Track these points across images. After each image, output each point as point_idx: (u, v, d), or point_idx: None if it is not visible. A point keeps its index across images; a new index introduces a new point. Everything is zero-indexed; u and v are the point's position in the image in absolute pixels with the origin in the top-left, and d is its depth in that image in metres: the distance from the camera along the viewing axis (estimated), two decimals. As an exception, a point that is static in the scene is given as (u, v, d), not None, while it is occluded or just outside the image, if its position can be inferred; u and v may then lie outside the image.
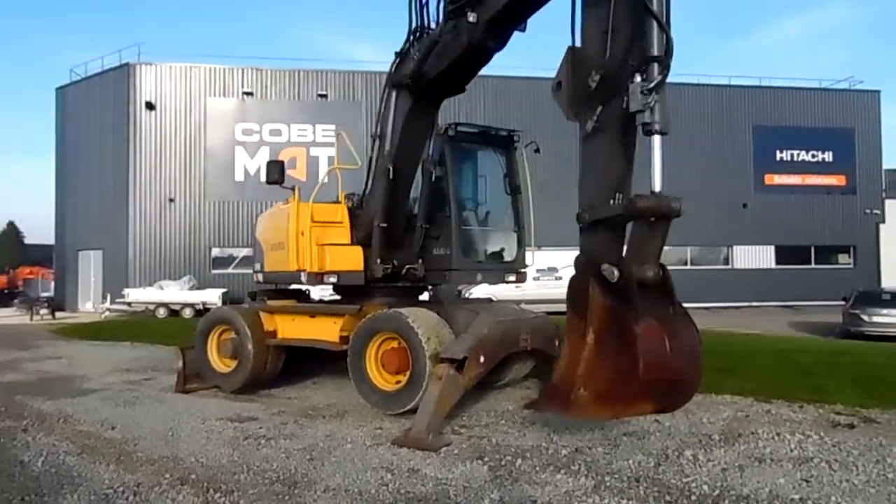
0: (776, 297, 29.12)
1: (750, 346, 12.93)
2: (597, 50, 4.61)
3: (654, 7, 4.26)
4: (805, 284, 29.81)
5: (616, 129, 4.56)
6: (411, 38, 7.21)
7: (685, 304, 4.73)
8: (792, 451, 5.74)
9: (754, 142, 31.18)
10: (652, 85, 4.20)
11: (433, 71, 6.91)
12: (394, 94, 7.43)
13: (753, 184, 31.04)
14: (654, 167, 4.37)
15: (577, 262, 4.96)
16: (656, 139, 4.32)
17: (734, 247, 30.94)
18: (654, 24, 4.26)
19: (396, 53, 7.45)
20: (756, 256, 31.04)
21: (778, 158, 31.43)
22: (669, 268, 4.65)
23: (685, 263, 30.85)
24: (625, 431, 6.38)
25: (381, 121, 7.82)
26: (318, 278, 7.79)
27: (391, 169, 7.55)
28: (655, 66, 4.24)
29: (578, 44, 4.82)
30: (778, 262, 31.14)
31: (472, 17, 6.00)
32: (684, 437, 6.16)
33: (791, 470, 5.21)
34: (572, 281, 4.96)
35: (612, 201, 4.57)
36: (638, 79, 4.25)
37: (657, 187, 4.33)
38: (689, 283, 30.10)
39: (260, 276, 9.21)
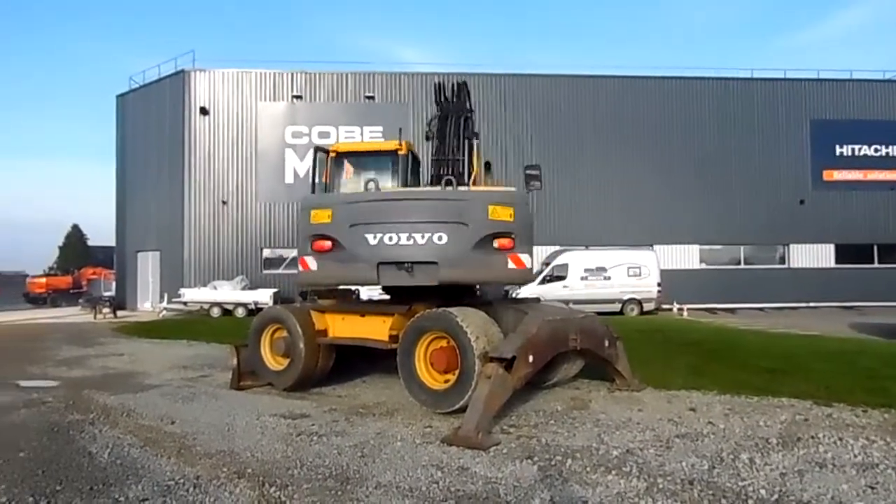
0: (836, 298, 28.00)
1: (808, 347, 12.50)
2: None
3: None
4: (867, 284, 28.58)
5: None
6: None
7: (737, 305, 4.75)
8: (856, 456, 5.53)
9: (812, 137, 30.06)
10: None
11: None
12: None
13: (811, 180, 29.92)
14: None
15: None
16: None
17: (791, 245, 29.89)
18: None
19: None
20: (814, 255, 29.90)
21: (838, 153, 30.20)
22: (721, 267, 4.79)
23: (738, 263, 29.98)
24: (677, 433, 6.27)
25: None
26: None
27: None
28: None
29: None
30: (838, 262, 29.91)
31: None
32: (740, 440, 6.01)
33: (855, 476, 5.02)
34: None
35: None
36: None
37: None
38: (742, 283, 29.31)
39: None
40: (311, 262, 7.80)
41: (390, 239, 7.48)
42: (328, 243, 7.71)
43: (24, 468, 5.41)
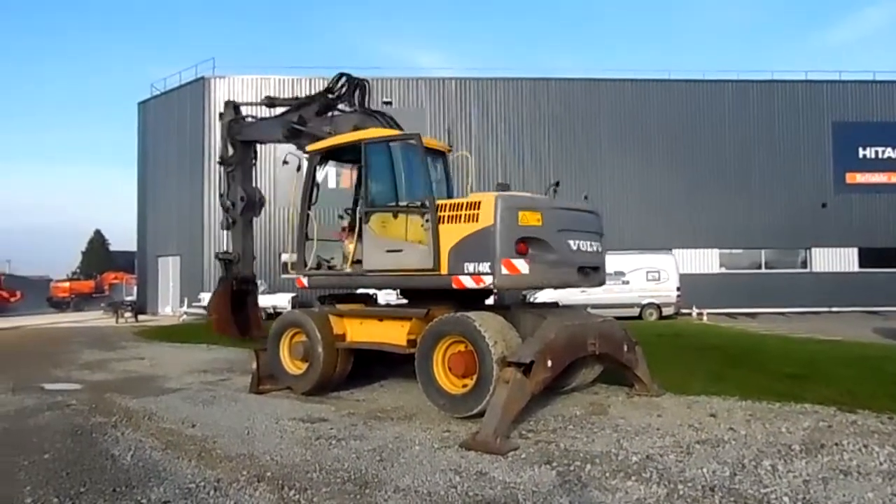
0: (859, 303, 27.59)
1: (830, 352, 12.32)
2: None
3: None
4: (891, 289, 28.13)
5: None
6: None
7: (758, 309, 4.66)
8: (881, 464, 5.43)
9: (834, 139, 29.69)
10: None
11: None
12: None
13: (833, 183, 29.54)
14: None
15: None
16: None
17: (813, 249, 29.51)
18: None
19: None
20: (837, 259, 29.49)
21: (861, 156, 29.81)
22: (742, 271, 4.69)
23: (759, 267, 29.66)
24: (698, 439, 6.21)
25: None
26: None
27: None
28: None
29: None
30: (861, 265, 29.49)
31: None
32: (762, 447, 5.93)
33: (881, 484, 4.93)
34: None
35: None
36: None
37: None
38: (763, 288, 28.98)
39: None
40: (521, 265, 7.43)
41: (583, 245, 8.09)
42: (527, 246, 7.56)
43: (48, 470, 5.50)
